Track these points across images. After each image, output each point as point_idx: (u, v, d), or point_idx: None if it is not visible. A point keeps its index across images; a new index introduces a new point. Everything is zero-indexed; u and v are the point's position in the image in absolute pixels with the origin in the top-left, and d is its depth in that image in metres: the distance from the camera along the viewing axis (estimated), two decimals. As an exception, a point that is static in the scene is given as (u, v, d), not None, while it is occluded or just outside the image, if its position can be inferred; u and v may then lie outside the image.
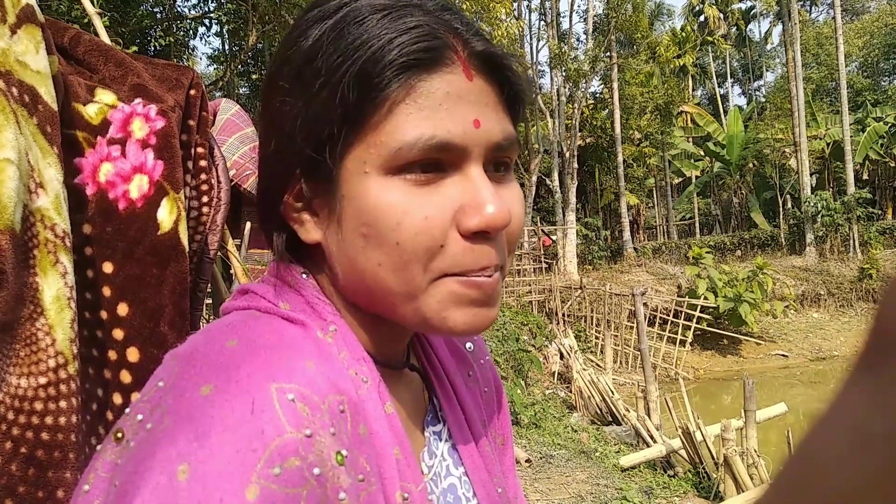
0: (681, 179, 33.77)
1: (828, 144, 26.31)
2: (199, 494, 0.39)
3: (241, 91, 21.18)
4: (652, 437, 8.15)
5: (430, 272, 0.52)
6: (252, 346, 0.48)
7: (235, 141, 1.94)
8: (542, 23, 25.07)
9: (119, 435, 0.45)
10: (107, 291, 1.03)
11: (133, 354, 1.03)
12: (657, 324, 16.05)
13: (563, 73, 22.14)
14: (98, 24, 1.39)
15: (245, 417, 0.42)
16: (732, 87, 46.75)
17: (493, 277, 0.53)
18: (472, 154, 0.52)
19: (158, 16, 14.30)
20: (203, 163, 1.18)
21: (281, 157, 0.55)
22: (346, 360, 0.52)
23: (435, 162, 0.51)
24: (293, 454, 0.42)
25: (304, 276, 0.57)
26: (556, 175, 22.46)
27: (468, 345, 0.73)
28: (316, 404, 0.46)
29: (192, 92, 1.18)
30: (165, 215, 1.05)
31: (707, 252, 18.33)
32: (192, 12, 15.49)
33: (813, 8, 43.04)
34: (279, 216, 0.57)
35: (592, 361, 14.07)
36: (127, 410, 0.47)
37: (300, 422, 0.44)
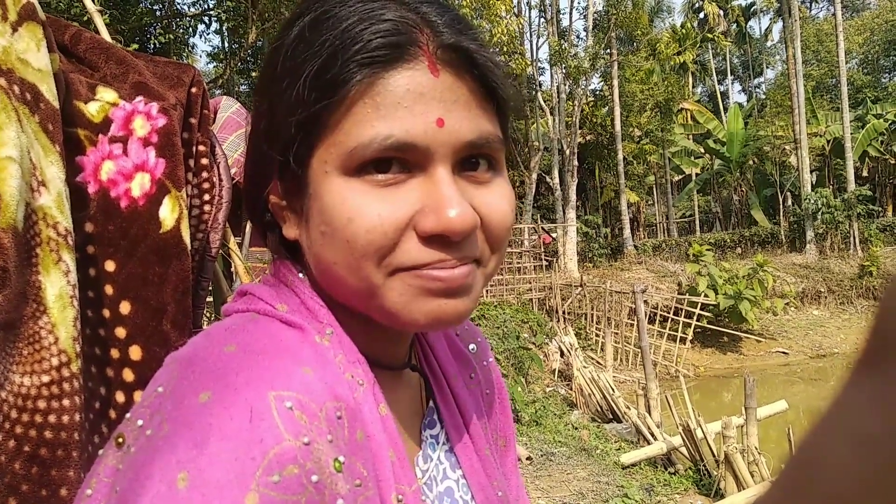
0: (681, 177, 33.74)
1: (828, 141, 26.28)
2: (199, 502, 0.39)
3: (240, 88, 21.15)
4: (653, 435, 8.15)
5: (384, 268, 0.50)
6: (250, 352, 0.48)
7: (236, 139, 1.94)
8: (542, 20, 25.05)
9: (120, 440, 0.46)
10: (109, 290, 1.03)
11: (135, 353, 1.03)
12: (657, 321, 16.05)
13: (564, 71, 22.10)
14: (98, 21, 1.39)
15: (244, 425, 0.42)
16: (733, 83, 46.72)
17: (460, 269, 0.51)
18: (436, 154, 0.50)
19: (158, 13, 14.29)
20: (204, 161, 1.18)
21: (257, 157, 0.56)
22: (342, 364, 0.52)
23: (399, 161, 0.50)
24: (291, 462, 0.42)
25: (300, 275, 0.57)
26: (556, 172, 22.44)
27: (471, 346, 0.73)
28: (313, 412, 0.45)
29: (194, 90, 1.18)
30: (167, 213, 1.05)
31: (707, 249, 18.32)
32: (192, 10, 15.48)
33: (813, 4, 43.00)
34: (267, 213, 0.57)
35: (593, 359, 14.07)
36: (128, 415, 0.47)
37: (298, 430, 0.44)
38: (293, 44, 0.52)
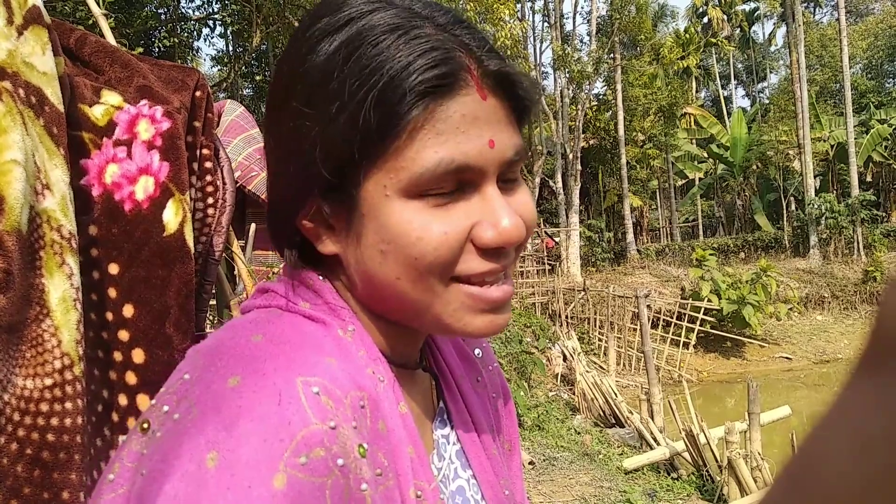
0: (684, 181, 33.70)
1: (832, 146, 26.23)
2: (228, 481, 0.41)
3: (244, 92, 21.20)
4: (655, 440, 8.12)
5: (444, 280, 0.54)
6: (277, 341, 0.50)
7: (240, 142, 1.94)
8: (546, 24, 25.08)
9: (145, 426, 0.47)
10: (112, 293, 1.03)
11: (138, 356, 1.03)
12: (660, 326, 16.01)
13: (567, 75, 22.12)
14: (104, 25, 1.40)
15: (272, 408, 0.44)
16: (736, 88, 46.72)
17: (504, 287, 0.56)
18: (487, 173, 0.53)
19: (163, 17, 14.34)
20: (208, 164, 1.18)
21: (297, 178, 0.55)
22: (363, 360, 0.54)
23: (454, 182, 0.53)
24: (318, 445, 0.44)
25: (321, 278, 0.59)
26: (559, 177, 22.44)
27: (476, 351, 0.74)
28: (339, 398, 0.47)
29: (198, 93, 1.18)
30: (171, 217, 1.05)
31: (710, 254, 18.28)
32: (197, 14, 15.53)
33: (817, 10, 42.96)
34: (294, 231, 0.58)
35: (595, 363, 14.05)
36: (152, 402, 0.49)
37: (325, 414, 0.45)
38: (338, 66, 0.52)
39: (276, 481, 0.41)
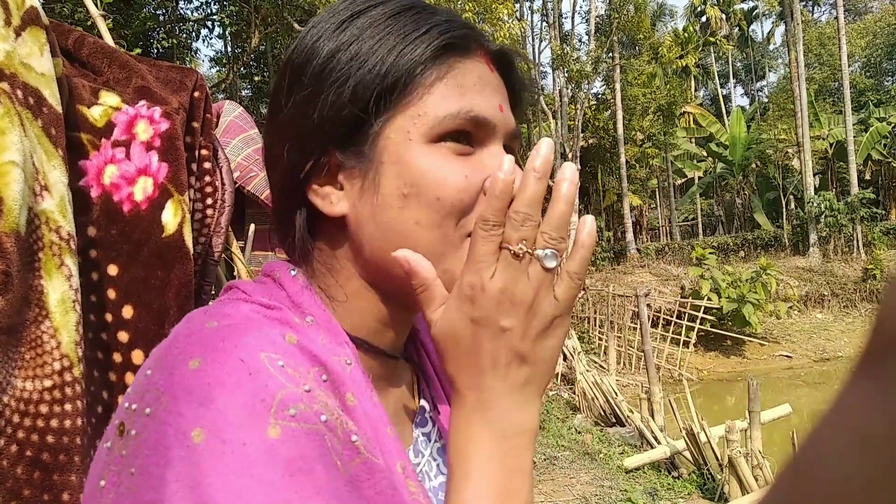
0: (684, 180, 33.72)
1: (831, 145, 26.25)
2: (221, 447, 0.40)
3: (243, 93, 21.19)
4: (656, 439, 8.12)
5: (460, 229, 0.55)
6: (232, 325, 0.49)
7: (239, 143, 1.94)
8: (545, 24, 25.09)
9: (121, 428, 0.46)
10: (112, 294, 1.03)
11: (138, 357, 1.03)
12: (660, 325, 16.01)
13: (566, 75, 22.13)
14: (102, 26, 1.39)
15: (243, 378, 0.44)
16: (735, 87, 46.71)
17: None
18: (497, 132, 0.57)
19: (161, 18, 14.34)
20: (207, 165, 1.18)
21: (313, 136, 0.56)
22: (325, 345, 0.54)
23: (468, 135, 0.56)
24: (300, 401, 0.44)
25: (292, 272, 0.59)
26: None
27: None
28: (303, 373, 0.47)
29: (196, 94, 1.18)
30: (170, 217, 1.05)
31: (710, 253, 18.29)
32: (195, 14, 15.53)
33: (815, 8, 42.96)
34: (301, 195, 0.58)
35: (596, 363, 14.04)
36: (123, 404, 0.47)
37: (296, 381, 0.46)
38: (354, 38, 0.55)
39: (271, 433, 0.41)
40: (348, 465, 0.46)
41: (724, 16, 36.47)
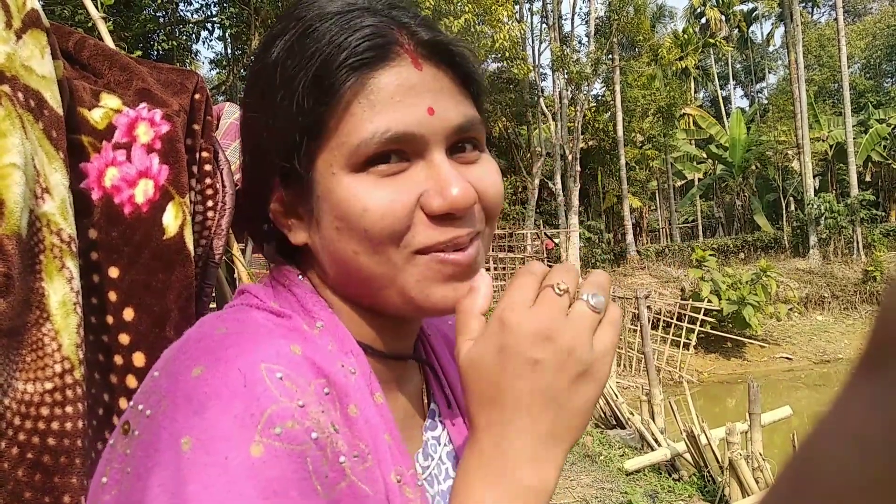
0: (683, 182, 33.71)
1: (831, 146, 26.25)
2: (205, 459, 0.41)
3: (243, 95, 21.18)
4: (656, 441, 8.11)
5: (403, 250, 0.54)
6: (240, 332, 0.50)
7: (239, 145, 1.94)
8: (544, 25, 25.10)
9: (126, 427, 0.47)
10: (113, 296, 1.02)
11: (139, 359, 1.03)
12: (661, 327, 16.01)
13: (566, 76, 22.14)
14: (102, 28, 1.40)
15: (238, 390, 0.44)
16: (735, 89, 46.74)
17: (468, 251, 0.56)
18: (430, 141, 0.54)
19: (161, 20, 14.35)
20: (208, 167, 1.18)
21: (256, 169, 0.58)
22: (333, 353, 0.54)
23: (398, 152, 0.53)
24: (290, 418, 0.44)
25: (299, 277, 0.60)
26: (558, 178, 22.44)
27: None
28: (303, 385, 0.47)
29: (197, 96, 1.18)
30: (171, 220, 1.05)
31: (710, 255, 18.29)
32: (195, 16, 15.55)
33: (815, 9, 42.97)
34: (267, 223, 0.60)
35: (596, 364, 14.02)
36: (130, 403, 0.49)
37: (291, 395, 0.46)
38: (282, 59, 0.54)
39: (254, 450, 0.42)
40: (332, 488, 0.46)
41: (723, 17, 36.48)
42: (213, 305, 1.41)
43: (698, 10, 37.17)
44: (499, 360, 0.49)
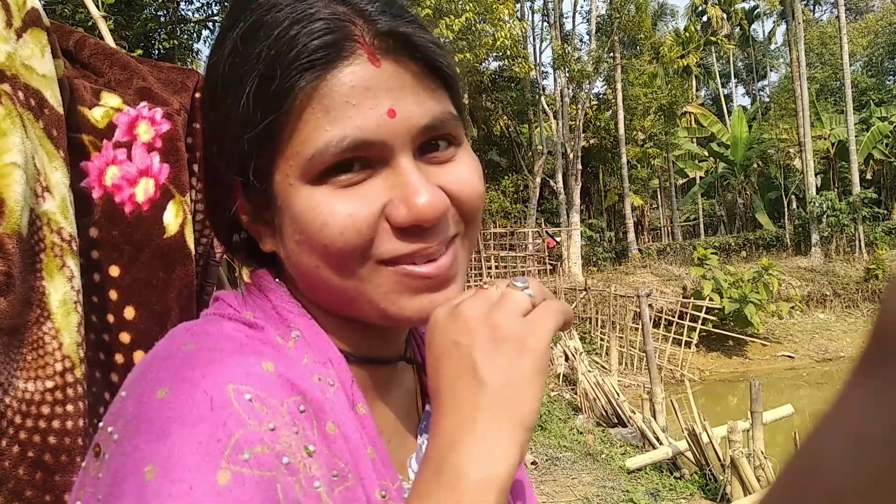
0: (685, 180, 33.70)
1: (832, 144, 26.22)
2: (169, 488, 0.39)
3: (244, 94, 21.18)
4: (658, 439, 8.11)
5: (367, 261, 0.50)
6: (208, 348, 0.47)
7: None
8: (546, 24, 25.09)
9: (97, 450, 0.46)
10: (113, 295, 1.03)
11: (140, 358, 1.03)
12: (662, 325, 16.00)
13: (567, 74, 22.12)
14: (103, 27, 1.40)
15: (205, 413, 0.42)
16: (736, 87, 46.71)
17: (440, 262, 0.52)
18: (394, 146, 0.49)
19: (162, 19, 14.36)
20: (209, 166, 1.18)
21: (214, 180, 0.55)
22: (309, 365, 0.51)
23: (359, 160, 0.49)
24: (259, 443, 0.42)
25: (276, 281, 0.57)
26: (559, 176, 22.43)
27: None
28: (274, 406, 0.45)
29: (198, 95, 1.18)
30: (171, 218, 1.05)
31: (712, 253, 18.28)
32: (196, 16, 15.54)
33: (816, 7, 42.91)
34: (239, 233, 0.57)
35: (597, 363, 14.03)
36: (100, 423, 0.48)
37: (261, 418, 0.44)
38: (229, 59, 0.50)
39: (220, 478, 0.40)
40: None
41: (725, 15, 36.43)
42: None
43: (700, 8, 37.12)
44: (431, 352, 0.49)
